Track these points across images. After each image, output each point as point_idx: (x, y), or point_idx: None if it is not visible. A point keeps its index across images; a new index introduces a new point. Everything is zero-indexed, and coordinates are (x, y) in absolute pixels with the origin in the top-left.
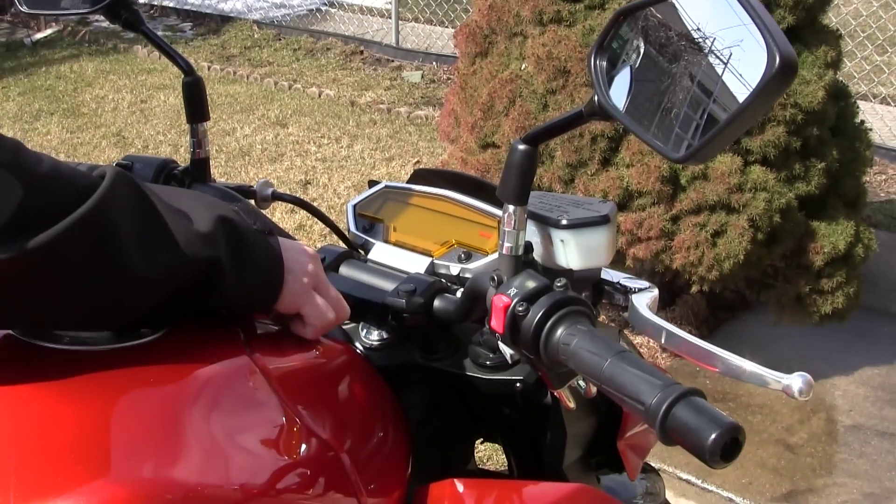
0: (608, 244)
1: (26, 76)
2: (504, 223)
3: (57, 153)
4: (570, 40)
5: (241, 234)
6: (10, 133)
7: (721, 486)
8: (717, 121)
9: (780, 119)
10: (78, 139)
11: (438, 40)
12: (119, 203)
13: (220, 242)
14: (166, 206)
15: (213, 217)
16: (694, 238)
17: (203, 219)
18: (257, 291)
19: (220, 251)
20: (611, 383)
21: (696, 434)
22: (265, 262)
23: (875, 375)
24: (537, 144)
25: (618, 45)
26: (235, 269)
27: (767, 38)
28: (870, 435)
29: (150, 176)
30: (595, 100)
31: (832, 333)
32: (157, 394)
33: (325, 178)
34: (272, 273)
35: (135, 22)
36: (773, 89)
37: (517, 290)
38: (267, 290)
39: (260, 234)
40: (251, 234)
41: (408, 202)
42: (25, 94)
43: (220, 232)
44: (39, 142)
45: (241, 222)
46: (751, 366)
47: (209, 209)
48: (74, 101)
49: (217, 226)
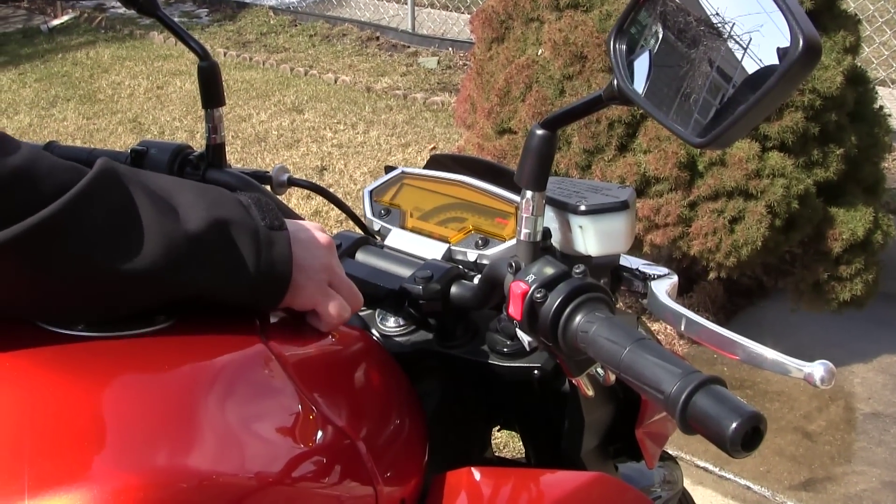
0: (627, 230)
1: (43, 62)
2: (522, 209)
3: (73, 139)
4: (587, 25)
5: (237, 236)
6: (26, 119)
7: (738, 474)
8: (735, 106)
9: (799, 105)
10: (94, 125)
11: (455, 26)
12: (96, 202)
13: (209, 245)
14: (154, 205)
15: (206, 218)
16: (712, 224)
17: (195, 219)
18: (259, 292)
19: (206, 254)
20: (630, 371)
21: (717, 423)
22: (267, 263)
23: (894, 363)
24: (556, 129)
25: (636, 30)
26: (226, 272)
27: (791, 21)
28: (889, 423)
29: (165, 161)
30: (615, 84)
31: (851, 320)
32: (171, 381)
33: (341, 164)
34: (276, 274)
35: (150, 7)
36: (797, 73)
37: (535, 276)
38: (270, 292)
39: (267, 233)
40: (253, 234)
41: (424, 188)
42: (42, 81)
43: (211, 234)
44: (56, 128)
45: (242, 221)
46: (772, 353)
47: (207, 208)
48: (91, 88)
49: (209, 227)
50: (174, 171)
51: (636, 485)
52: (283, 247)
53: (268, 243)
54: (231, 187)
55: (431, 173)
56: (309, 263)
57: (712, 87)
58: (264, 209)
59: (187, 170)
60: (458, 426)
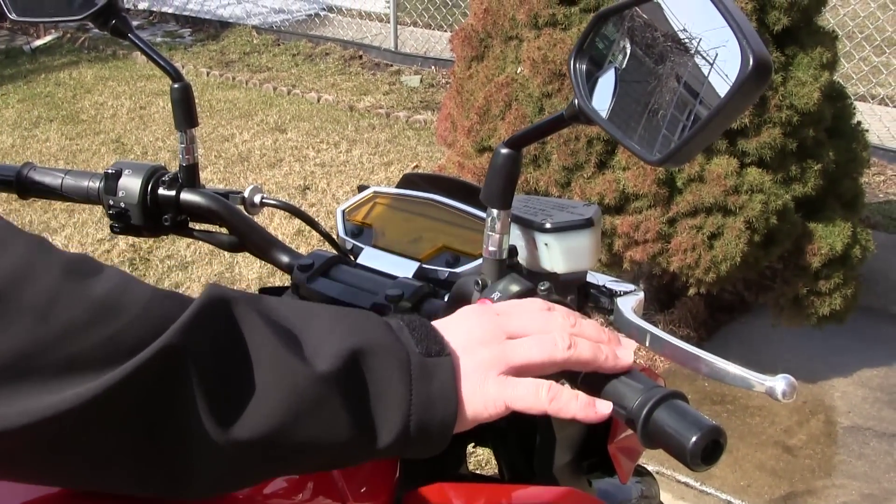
0: (592, 247)
1: (25, 83)
2: (487, 227)
3: (56, 160)
4: (566, 43)
5: (381, 369)
6: (9, 140)
7: (719, 488)
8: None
9: (776, 121)
10: (77, 146)
11: (437, 44)
12: (198, 345)
13: (341, 387)
14: (273, 342)
15: (340, 351)
16: (691, 240)
17: (326, 354)
18: (409, 444)
19: (337, 401)
20: (594, 387)
21: (677, 437)
22: (422, 404)
23: (874, 377)
24: (520, 148)
25: (603, 45)
26: (363, 422)
27: (741, 40)
28: (869, 436)
29: (139, 183)
30: (576, 103)
31: (831, 335)
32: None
33: (323, 184)
34: (435, 419)
35: (123, 29)
36: (748, 91)
37: (501, 293)
38: (426, 441)
39: (422, 362)
40: (402, 364)
41: (396, 207)
42: (25, 101)
43: (345, 371)
44: (39, 148)
45: (388, 348)
46: (734, 368)
47: (342, 338)
48: (73, 108)
49: (343, 363)
50: (148, 192)
51: (613, 500)
52: (445, 379)
53: (423, 375)
54: (205, 208)
55: (403, 192)
56: (476, 373)
57: (679, 103)
58: (419, 331)
59: (161, 191)
60: None
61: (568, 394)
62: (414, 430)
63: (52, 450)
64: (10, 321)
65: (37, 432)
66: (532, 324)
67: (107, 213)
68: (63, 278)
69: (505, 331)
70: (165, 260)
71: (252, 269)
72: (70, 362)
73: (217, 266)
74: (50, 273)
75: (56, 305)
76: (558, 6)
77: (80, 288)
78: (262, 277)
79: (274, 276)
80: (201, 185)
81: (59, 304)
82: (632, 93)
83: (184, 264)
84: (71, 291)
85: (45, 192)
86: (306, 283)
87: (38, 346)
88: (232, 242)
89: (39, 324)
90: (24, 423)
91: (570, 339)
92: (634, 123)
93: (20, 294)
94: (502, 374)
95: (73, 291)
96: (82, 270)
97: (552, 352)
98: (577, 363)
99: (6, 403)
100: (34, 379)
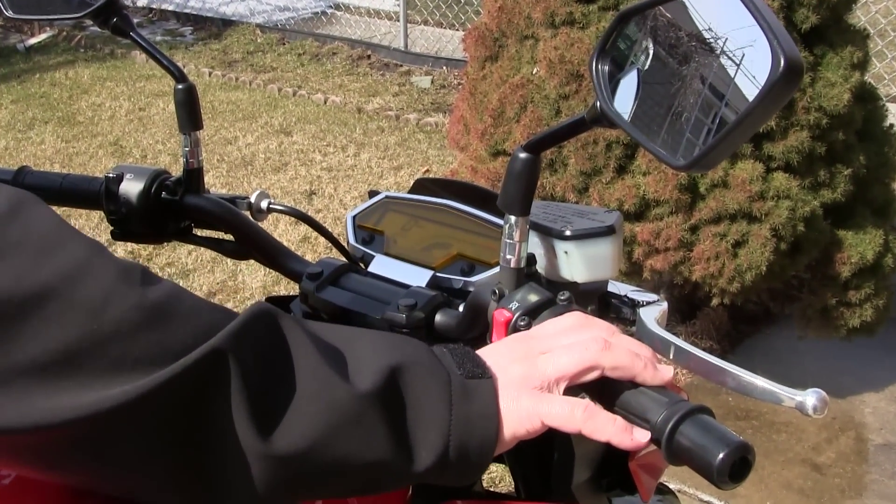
0: (614, 256)
1: (19, 83)
2: (505, 234)
3: (51, 164)
4: (584, 43)
5: (421, 387)
6: (2, 143)
7: None
8: (727, 125)
9: (804, 123)
10: (73, 148)
11: (449, 44)
12: (243, 353)
13: (381, 404)
14: (317, 359)
15: (382, 368)
16: (714, 248)
17: (368, 372)
18: (448, 466)
19: (376, 418)
20: (616, 401)
21: (704, 453)
22: (462, 424)
23: None
24: (539, 152)
25: (625, 46)
26: (402, 439)
27: (771, 40)
28: None
29: (141, 188)
30: (597, 106)
31: (861, 348)
32: None
33: (330, 189)
34: (474, 440)
35: (124, 28)
36: (778, 93)
37: (519, 303)
38: (465, 464)
39: (462, 383)
40: (443, 384)
41: (409, 213)
42: (18, 102)
43: (386, 388)
44: (33, 151)
45: (428, 367)
46: (763, 382)
47: (383, 355)
48: (70, 109)
49: (384, 380)
50: (150, 197)
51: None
52: (485, 400)
53: (464, 396)
54: (209, 213)
55: (416, 198)
56: (512, 391)
57: (704, 105)
58: (460, 355)
59: (164, 195)
60: None
61: (605, 416)
62: (453, 451)
63: (91, 449)
64: (63, 317)
65: (78, 429)
66: (566, 338)
67: (107, 219)
68: (118, 280)
69: (537, 349)
70: (166, 267)
71: (256, 277)
72: (118, 362)
73: (219, 274)
74: (106, 274)
75: (109, 305)
76: (576, 4)
77: (133, 292)
78: (266, 286)
79: (279, 285)
80: (206, 189)
81: (113, 304)
82: (654, 95)
83: (185, 272)
84: (125, 294)
85: (42, 196)
86: (315, 291)
87: (88, 343)
88: (237, 250)
89: (91, 321)
90: (66, 419)
91: (605, 343)
92: (657, 127)
93: (75, 291)
94: (536, 389)
95: (126, 294)
96: (137, 276)
97: (584, 356)
98: (612, 368)
99: (52, 398)
100: (81, 376)
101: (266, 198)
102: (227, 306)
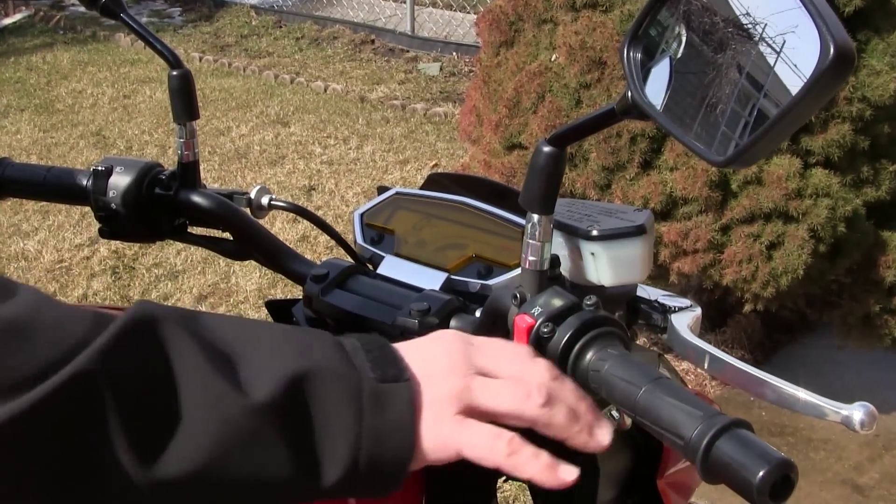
0: (644, 258)
1: None
2: (527, 234)
3: (28, 155)
4: (607, 27)
5: (325, 396)
6: None
7: None
8: (767, 117)
9: (846, 115)
10: (52, 139)
11: (459, 27)
12: (117, 371)
13: (280, 419)
14: (206, 368)
15: (282, 376)
16: (747, 250)
17: (264, 381)
18: (357, 482)
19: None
20: (646, 414)
21: (743, 471)
22: (372, 436)
23: None
24: (565, 146)
25: (656, 32)
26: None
27: (819, 24)
28: None
29: (132, 181)
30: (628, 96)
31: None
32: None
33: (331, 184)
34: (385, 454)
35: (114, 8)
36: (826, 84)
37: (542, 308)
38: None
39: (374, 388)
40: (353, 391)
41: (421, 211)
42: None
43: (286, 399)
44: (8, 142)
45: (336, 373)
46: (805, 394)
47: (285, 361)
48: (48, 96)
49: (283, 391)
50: (142, 192)
51: None
52: (400, 409)
53: (376, 404)
54: (206, 210)
55: (429, 194)
56: (435, 405)
57: (741, 96)
58: (375, 353)
59: (157, 190)
60: (459, 476)
61: (529, 451)
62: (364, 465)
63: None
64: None
65: None
66: (509, 367)
67: (95, 216)
68: None
69: (475, 365)
70: (153, 268)
71: (251, 279)
72: None
73: (211, 276)
74: None
75: None
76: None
77: None
78: (261, 289)
79: (275, 288)
80: (202, 184)
81: None
82: (687, 85)
83: (173, 273)
84: None
85: (24, 190)
86: (320, 295)
87: None
88: (236, 249)
89: None
90: None
91: (548, 396)
92: (689, 120)
93: None
94: (461, 414)
95: None
96: None
97: (524, 404)
98: (546, 425)
99: None
100: None
101: (267, 193)
102: (220, 310)
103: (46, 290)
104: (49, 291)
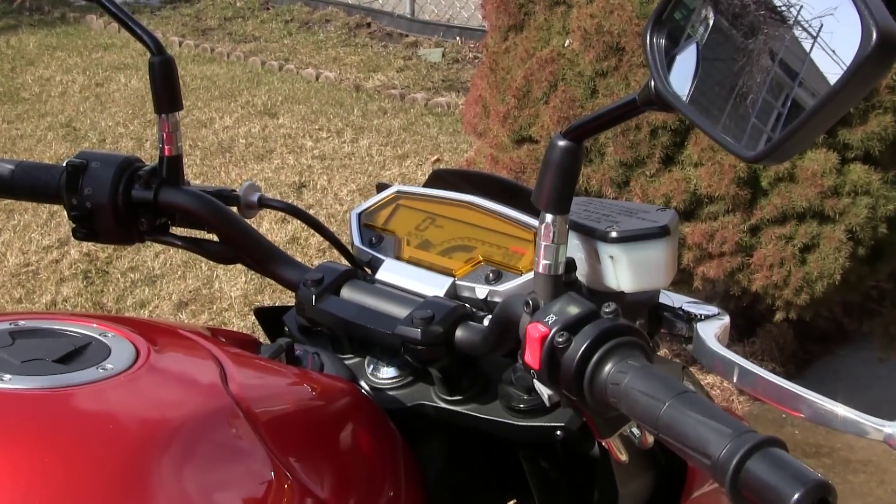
0: (668, 261)
1: None
2: (541, 236)
3: None
4: (626, 10)
5: None
6: None
7: None
8: (802, 109)
9: (888, 105)
10: (17, 131)
11: (463, 10)
12: None
13: None
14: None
15: None
16: (778, 254)
17: None
18: None
19: None
20: (670, 431)
21: (776, 493)
22: None
23: None
24: (582, 140)
25: (681, 16)
26: None
27: (861, 8)
28: None
29: (109, 178)
30: (651, 85)
31: None
32: (116, 443)
33: (323, 181)
34: None
35: None
36: (868, 72)
37: (556, 316)
38: None
39: None
40: None
41: (424, 210)
42: None
43: None
44: None
45: None
46: (844, 410)
47: None
48: (12, 84)
49: None
50: (120, 189)
51: None
52: None
53: None
54: (190, 210)
55: (433, 192)
56: None
57: (774, 85)
58: None
59: (136, 188)
60: (465, 497)
61: None
62: None
63: None
64: None
65: None
66: None
67: (69, 215)
68: None
69: None
70: (128, 273)
71: (235, 284)
72: None
73: (192, 281)
74: None
75: None
76: None
77: None
78: (247, 295)
79: (263, 294)
80: (185, 181)
81: None
82: (715, 74)
83: (151, 278)
84: None
85: None
86: (314, 302)
87: None
88: (223, 252)
89: None
90: None
91: None
92: (718, 111)
93: None
94: None
95: None
96: None
97: None
98: None
99: None
100: None
101: (256, 191)
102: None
103: (11, 296)
104: (14, 298)
